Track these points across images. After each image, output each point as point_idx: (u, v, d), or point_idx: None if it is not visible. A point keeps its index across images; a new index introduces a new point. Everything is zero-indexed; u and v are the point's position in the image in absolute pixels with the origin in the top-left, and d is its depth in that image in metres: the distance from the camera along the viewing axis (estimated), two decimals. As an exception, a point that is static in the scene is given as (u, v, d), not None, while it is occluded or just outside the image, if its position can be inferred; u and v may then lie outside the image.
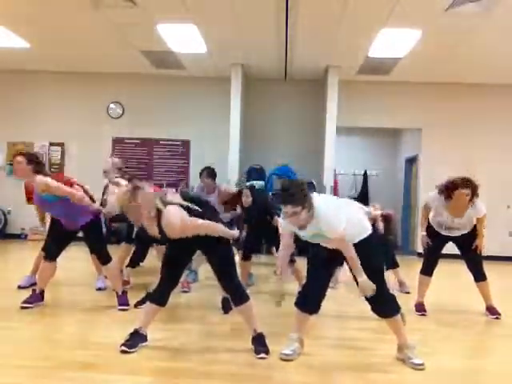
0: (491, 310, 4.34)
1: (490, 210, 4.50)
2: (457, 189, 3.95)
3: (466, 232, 4.26)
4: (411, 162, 9.83)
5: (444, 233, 4.31)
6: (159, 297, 3.20)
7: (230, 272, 3.17)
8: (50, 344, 3.25)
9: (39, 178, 3.86)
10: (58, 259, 4.20)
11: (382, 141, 10.72)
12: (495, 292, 4.43)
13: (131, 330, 3.14)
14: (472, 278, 4.38)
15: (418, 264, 4.64)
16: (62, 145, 9.01)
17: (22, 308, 3.99)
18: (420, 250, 8.69)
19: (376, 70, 8.06)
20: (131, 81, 8.91)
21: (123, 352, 3.01)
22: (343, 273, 4.72)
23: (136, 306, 4.15)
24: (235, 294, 3.17)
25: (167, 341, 3.35)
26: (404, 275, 5.39)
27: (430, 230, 4.38)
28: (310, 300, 3.12)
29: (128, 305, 4.15)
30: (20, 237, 8.84)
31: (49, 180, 3.88)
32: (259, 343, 3.13)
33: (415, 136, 9.20)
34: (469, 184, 3.96)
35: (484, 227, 4.22)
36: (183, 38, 6.89)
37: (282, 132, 8.96)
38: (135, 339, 3.11)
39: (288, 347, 3.10)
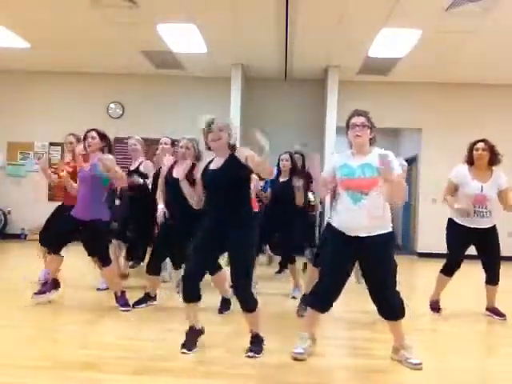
0: (496, 312, 4.30)
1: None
2: (474, 145, 4.15)
3: (490, 225, 4.14)
4: (411, 162, 9.83)
5: (470, 224, 4.10)
6: (188, 291, 3.11)
7: (250, 270, 3.08)
8: (50, 344, 3.26)
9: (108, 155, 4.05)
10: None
11: (382, 141, 10.70)
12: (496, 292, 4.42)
13: (186, 330, 3.18)
14: (474, 278, 4.38)
15: (418, 264, 4.64)
16: (62, 145, 9.00)
17: (36, 296, 4.09)
18: (420, 249, 8.76)
19: (376, 70, 8.06)
20: (131, 81, 8.91)
21: (184, 353, 3.04)
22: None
23: (134, 305, 4.17)
24: (240, 299, 3.10)
25: (167, 340, 3.34)
26: (404, 275, 5.38)
27: (454, 228, 4.22)
28: (322, 298, 3.08)
29: (129, 305, 4.15)
30: (20, 237, 8.84)
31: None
32: (252, 343, 3.15)
33: (415, 136, 9.20)
34: (484, 140, 4.17)
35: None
36: (183, 38, 6.89)
37: (282, 132, 8.93)
38: (192, 337, 3.16)
39: (300, 346, 3.09)
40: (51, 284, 4.21)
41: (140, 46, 7.38)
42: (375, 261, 2.95)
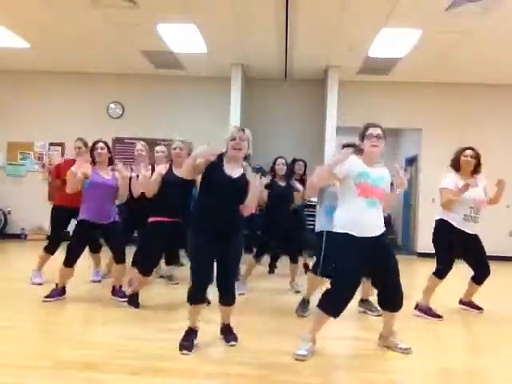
0: (473, 305, 4.49)
1: (490, 210, 4.51)
2: (463, 152, 4.25)
3: (476, 231, 4.28)
4: (411, 161, 9.83)
5: (467, 228, 4.19)
6: (198, 297, 3.21)
7: (234, 271, 3.30)
8: (50, 344, 3.25)
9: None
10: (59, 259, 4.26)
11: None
12: (495, 292, 4.42)
13: (186, 331, 3.24)
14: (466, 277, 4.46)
15: (418, 264, 4.64)
16: (62, 145, 9.01)
17: (44, 301, 4.23)
18: (420, 249, 8.76)
19: (376, 70, 8.06)
20: (131, 81, 8.91)
21: (184, 354, 3.07)
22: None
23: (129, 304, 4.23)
24: (227, 294, 3.24)
25: (167, 341, 3.34)
26: (403, 275, 5.37)
27: (451, 230, 4.22)
28: (337, 305, 3.12)
29: (124, 297, 4.29)
30: (20, 237, 8.84)
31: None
32: (228, 332, 3.34)
33: (415, 136, 9.20)
34: (472, 147, 4.27)
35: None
36: (183, 38, 6.89)
37: (282, 132, 8.96)
38: (191, 338, 3.22)
39: (302, 348, 3.11)
40: (60, 291, 4.39)
41: (140, 46, 7.38)
42: (386, 254, 3.17)
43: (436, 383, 2.90)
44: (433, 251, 4.44)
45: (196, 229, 3.17)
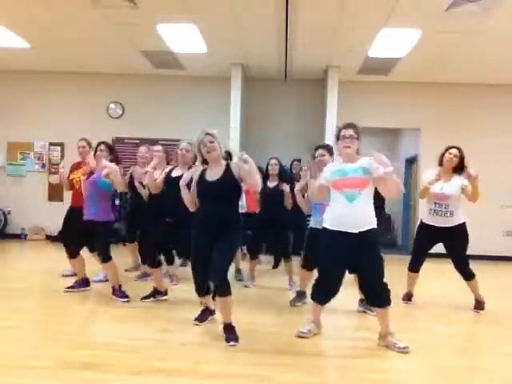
0: (476, 304, 4.50)
1: (486, 210, 4.54)
2: (448, 149, 4.47)
3: (452, 224, 4.37)
4: (411, 161, 9.83)
5: (434, 222, 4.42)
6: (198, 290, 3.62)
7: (222, 259, 3.32)
8: (50, 344, 3.26)
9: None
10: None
11: (382, 141, 10.72)
12: (494, 292, 4.43)
13: (202, 308, 3.74)
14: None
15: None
16: (61, 145, 9.01)
17: (66, 292, 4.52)
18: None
19: (376, 70, 8.06)
20: (131, 81, 8.91)
21: (196, 325, 3.62)
22: None
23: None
24: (221, 284, 3.31)
25: (167, 340, 3.35)
26: (403, 275, 5.39)
27: (421, 227, 4.61)
28: (322, 293, 3.44)
29: (127, 297, 4.35)
30: (20, 237, 8.83)
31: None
32: (229, 332, 3.35)
33: (415, 136, 9.20)
34: (458, 147, 4.45)
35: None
36: (183, 38, 6.89)
37: (282, 132, 8.95)
38: (204, 314, 3.74)
39: (304, 327, 3.52)
40: (82, 283, 4.66)
41: (140, 46, 7.37)
42: (367, 254, 3.23)
43: (436, 383, 2.90)
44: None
45: (193, 234, 3.48)
